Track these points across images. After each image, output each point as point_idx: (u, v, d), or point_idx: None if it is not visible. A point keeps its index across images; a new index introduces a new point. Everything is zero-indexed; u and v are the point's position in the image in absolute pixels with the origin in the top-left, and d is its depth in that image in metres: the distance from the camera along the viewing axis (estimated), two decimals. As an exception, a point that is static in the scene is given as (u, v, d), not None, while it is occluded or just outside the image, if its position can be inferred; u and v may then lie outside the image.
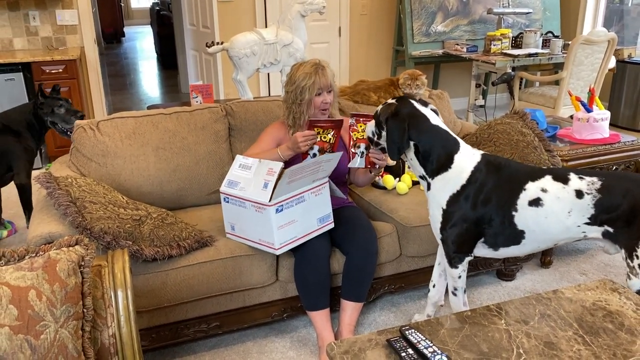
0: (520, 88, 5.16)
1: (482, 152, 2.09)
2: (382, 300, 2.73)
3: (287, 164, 2.26)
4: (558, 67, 5.29)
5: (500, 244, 2.06)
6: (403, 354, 1.45)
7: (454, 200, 2.01)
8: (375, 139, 2.11)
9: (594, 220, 1.93)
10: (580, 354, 1.48)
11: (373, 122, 2.12)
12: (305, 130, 2.28)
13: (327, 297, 2.31)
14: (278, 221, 2.11)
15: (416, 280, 2.66)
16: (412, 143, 2.03)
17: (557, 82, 4.81)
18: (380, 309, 2.68)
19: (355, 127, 2.29)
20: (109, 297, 1.43)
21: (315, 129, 2.29)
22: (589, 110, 3.07)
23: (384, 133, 2.04)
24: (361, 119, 2.28)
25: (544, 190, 1.96)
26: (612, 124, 5.61)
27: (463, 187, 2.00)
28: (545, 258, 3.02)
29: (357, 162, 2.29)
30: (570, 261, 3.10)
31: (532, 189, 1.97)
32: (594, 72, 4.74)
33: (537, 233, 1.99)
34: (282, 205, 2.12)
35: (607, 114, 3.08)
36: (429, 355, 1.43)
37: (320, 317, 2.30)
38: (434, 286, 2.35)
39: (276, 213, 2.10)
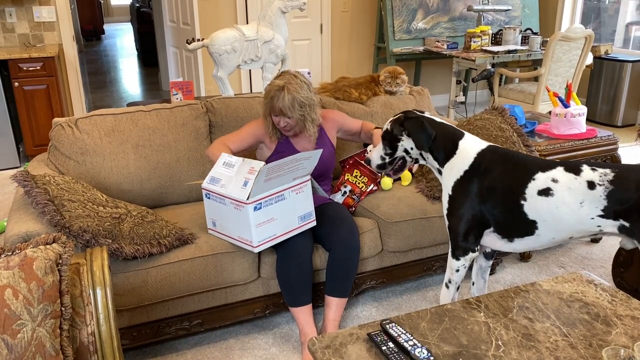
0: (499, 84, 5.22)
1: (489, 143, 2.13)
2: (364, 295, 2.75)
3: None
4: (537, 63, 5.35)
5: (514, 235, 2.06)
6: (384, 348, 1.47)
7: (458, 186, 2.05)
8: (387, 159, 2.19)
9: (607, 213, 1.91)
10: (557, 344, 1.50)
11: (378, 148, 2.21)
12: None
13: (309, 293, 2.31)
14: (256, 219, 2.12)
15: (398, 275, 2.68)
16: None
17: (535, 79, 4.87)
18: (362, 304, 2.69)
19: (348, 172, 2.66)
20: (88, 295, 1.42)
21: (355, 170, 2.60)
22: (566, 106, 3.11)
23: (402, 142, 2.15)
24: (350, 163, 2.63)
25: (554, 181, 1.96)
26: (590, 120, 5.72)
27: (466, 172, 2.04)
28: (524, 252, 3.06)
29: (337, 198, 2.66)
30: (549, 255, 3.14)
31: (541, 179, 1.97)
32: (572, 68, 4.80)
33: (550, 224, 1.98)
34: (261, 203, 2.12)
35: (584, 109, 3.13)
36: (409, 348, 1.44)
37: (303, 313, 2.30)
38: (473, 284, 2.36)
39: (254, 211, 2.10)
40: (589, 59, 5.05)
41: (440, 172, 2.16)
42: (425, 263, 2.71)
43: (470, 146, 2.08)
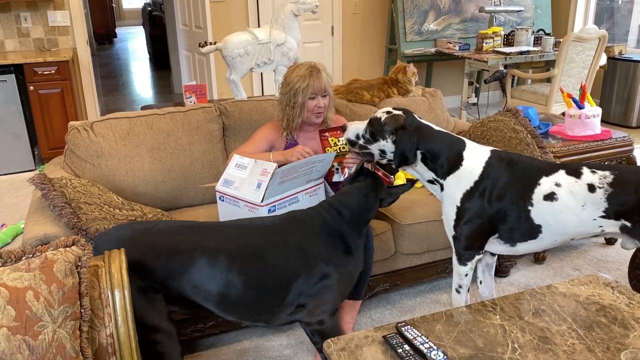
0: (512, 86, 5.19)
1: (491, 148, 2.11)
2: (377, 297, 2.74)
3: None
4: (550, 64, 5.32)
5: (517, 239, 2.06)
6: (399, 350, 1.47)
7: (468, 196, 2.02)
8: (361, 142, 2.09)
9: (609, 214, 1.93)
10: (574, 347, 1.50)
11: (360, 125, 2.10)
12: (306, 147, 2.33)
13: (323, 295, 2.32)
14: None
15: (411, 277, 2.68)
16: (419, 152, 2.05)
17: (548, 80, 4.84)
18: (375, 306, 2.69)
19: (327, 142, 2.41)
20: (106, 297, 1.43)
21: (329, 138, 2.40)
22: (580, 107, 3.09)
23: (383, 142, 2.04)
24: (331, 133, 2.42)
25: (557, 185, 1.97)
26: (604, 121, 5.66)
27: (476, 182, 2.01)
28: (539, 254, 3.04)
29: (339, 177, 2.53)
30: (563, 257, 3.12)
31: (546, 184, 1.98)
32: (585, 69, 4.77)
33: (554, 227, 1.99)
34: (275, 205, 2.13)
35: (599, 110, 3.11)
36: (425, 351, 1.44)
37: (317, 315, 2.31)
38: (480, 282, 2.35)
39: (268, 213, 2.11)
40: (603, 60, 5.01)
41: (433, 183, 2.10)
42: (438, 265, 2.71)
43: (476, 155, 2.05)
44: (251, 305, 1.82)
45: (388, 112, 2.06)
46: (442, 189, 2.09)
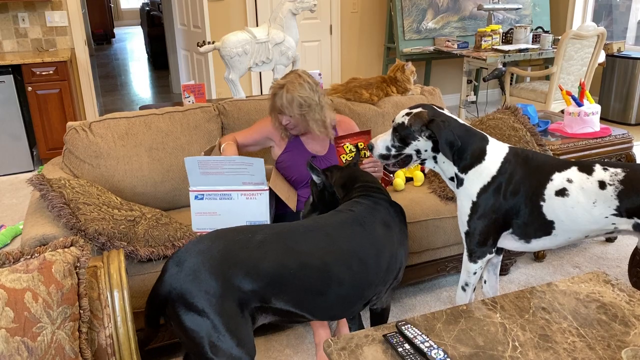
0: (511, 84, 5.19)
1: (508, 145, 2.12)
2: (377, 296, 2.74)
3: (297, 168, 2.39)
4: (548, 62, 5.32)
5: (531, 235, 2.06)
6: (400, 349, 1.46)
7: (484, 191, 2.03)
8: (393, 152, 2.08)
9: (620, 212, 1.93)
10: (574, 345, 1.49)
11: (385, 136, 2.10)
12: None
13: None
14: (196, 207, 2.26)
15: (412, 276, 2.67)
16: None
17: (547, 77, 4.84)
18: (375, 305, 2.69)
19: (342, 149, 2.43)
20: (105, 297, 1.43)
21: (344, 145, 2.45)
22: (579, 105, 3.09)
23: (416, 143, 2.03)
24: (346, 140, 2.42)
25: (569, 181, 1.97)
26: (603, 118, 5.67)
27: (493, 178, 2.02)
28: (539, 252, 3.04)
29: None
30: (563, 254, 3.12)
31: (558, 180, 1.98)
32: (584, 66, 4.77)
33: (566, 223, 1.99)
34: (203, 194, 2.25)
35: (598, 107, 3.11)
36: (425, 350, 1.43)
37: (317, 315, 2.31)
38: (485, 282, 2.35)
39: (195, 199, 2.25)
40: (602, 57, 5.01)
41: (453, 179, 2.10)
42: (439, 264, 2.70)
43: (496, 151, 2.06)
44: (343, 305, 1.83)
45: (408, 113, 2.04)
46: (459, 184, 2.08)
